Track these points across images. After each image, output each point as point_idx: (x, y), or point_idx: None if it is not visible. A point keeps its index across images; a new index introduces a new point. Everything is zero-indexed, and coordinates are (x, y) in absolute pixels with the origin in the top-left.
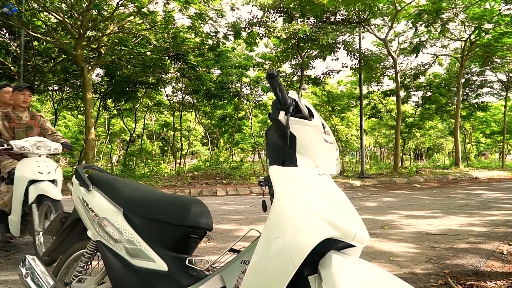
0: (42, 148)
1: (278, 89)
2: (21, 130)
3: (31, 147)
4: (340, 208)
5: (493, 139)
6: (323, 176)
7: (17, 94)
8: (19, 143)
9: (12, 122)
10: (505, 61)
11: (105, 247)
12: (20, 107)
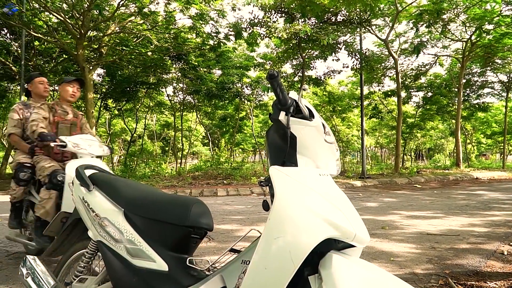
0: (94, 148)
1: (279, 90)
2: (65, 126)
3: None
4: (340, 208)
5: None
6: (324, 177)
7: (64, 86)
8: (73, 140)
9: (57, 116)
10: (506, 62)
11: (105, 247)
12: (67, 101)
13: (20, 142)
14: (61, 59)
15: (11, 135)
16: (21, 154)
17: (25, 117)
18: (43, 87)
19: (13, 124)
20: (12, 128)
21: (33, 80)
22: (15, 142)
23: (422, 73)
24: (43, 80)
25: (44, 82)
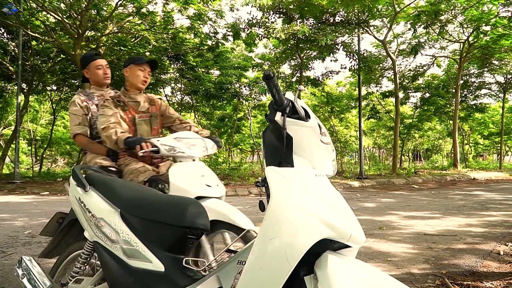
0: (196, 148)
1: (275, 90)
2: (143, 121)
3: (185, 147)
4: (336, 209)
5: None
6: (320, 177)
7: (134, 70)
8: (167, 142)
9: (129, 110)
10: (503, 63)
11: (102, 247)
12: (137, 88)
13: (92, 144)
14: (58, 59)
15: (78, 136)
16: (99, 156)
17: (90, 110)
18: (103, 73)
19: (77, 122)
20: (77, 128)
21: (90, 65)
22: (85, 144)
23: (420, 74)
24: (101, 63)
25: (103, 66)
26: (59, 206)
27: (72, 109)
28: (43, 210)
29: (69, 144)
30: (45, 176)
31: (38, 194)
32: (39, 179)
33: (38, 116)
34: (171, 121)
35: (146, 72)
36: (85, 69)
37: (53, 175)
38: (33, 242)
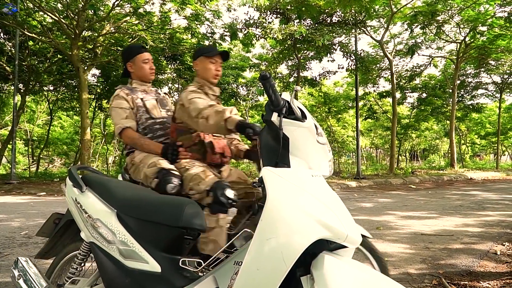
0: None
1: (271, 91)
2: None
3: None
4: (332, 209)
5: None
6: (316, 177)
7: (205, 62)
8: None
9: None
10: (499, 63)
11: (98, 248)
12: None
13: (144, 140)
14: (55, 59)
15: (126, 130)
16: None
17: (136, 104)
18: (149, 67)
19: (124, 115)
20: (126, 121)
21: (135, 58)
22: (134, 139)
23: (417, 74)
24: (148, 57)
25: (150, 60)
26: (56, 207)
27: (116, 102)
28: (39, 211)
29: (66, 144)
30: (42, 177)
31: (35, 195)
32: (36, 180)
33: (35, 117)
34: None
35: (217, 65)
36: (129, 62)
37: (50, 176)
38: (30, 243)
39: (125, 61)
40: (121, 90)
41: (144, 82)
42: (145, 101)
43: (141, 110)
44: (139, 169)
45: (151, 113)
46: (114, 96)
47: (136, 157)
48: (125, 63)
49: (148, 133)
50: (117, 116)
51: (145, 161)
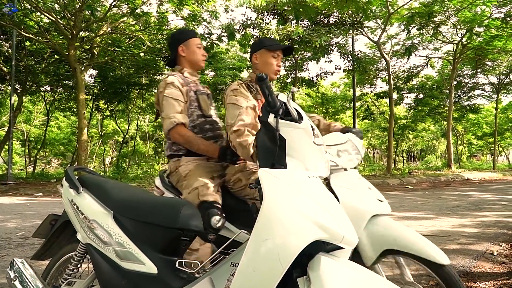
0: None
1: (268, 92)
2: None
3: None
4: (329, 210)
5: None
6: (313, 179)
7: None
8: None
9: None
10: (496, 64)
11: (94, 249)
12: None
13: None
14: (52, 60)
15: (179, 126)
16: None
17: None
18: (202, 53)
19: (178, 109)
20: (180, 116)
21: (189, 42)
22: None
23: (414, 74)
24: (200, 43)
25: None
26: (53, 208)
27: (170, 92)
28: (36, 212)
29: (63, 145)
30: (38, 177)
31: (32, 196)
32: (32, 180)
33: (31, 117)
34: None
35: (279, 60)
36: (182, 45)
37: (47, 176)
38: (26, 244)
39: (176, 44)
40: (176, 78)
41: (194, 72)
42: (199, 95)
43: (194, 105)
44: (182, 184)
45: (203, 110)
46: (168, 83)
47: (181, 168)
48: (175, 46)
49: (198, 132)
50: (171, 108)
51: (189, 181)
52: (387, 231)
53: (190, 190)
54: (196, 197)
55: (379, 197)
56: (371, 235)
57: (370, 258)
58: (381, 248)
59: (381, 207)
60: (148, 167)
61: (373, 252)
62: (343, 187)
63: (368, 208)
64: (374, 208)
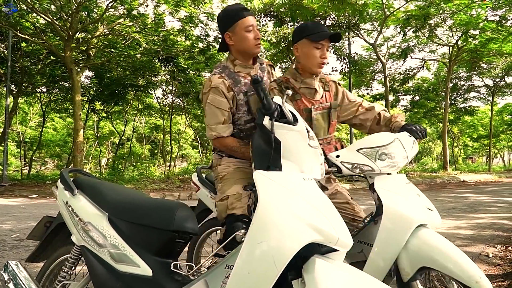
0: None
1: (263, 95)
2: (320, 114)
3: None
4: (323, 213)
5: (480, 143)
6: (308, 181)
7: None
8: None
9: (301, 99)
10: (491, 66)
11: (89, 252)
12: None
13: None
14: (48, 61)
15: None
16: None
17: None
18: (254, 37)
19: (221, 118)
20: (223, 128)
21: (235, 26)
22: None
23: (410, 77)
24: (252, 23)
25: (254, 27)
26: (48, 209)
27: (213, 98)
28: (31, 213)
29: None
30: (34, 179)
31: (27, 197)
32: (28, 182)
33: (27, 118)
34: (353, 110)
35: (324, 50)
36: (228, 32)
37: (42, 178)
38: (21, 246)
39: (223, 30)
40: (222, 79)
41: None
42: (250, 96)
43: (242, 110)
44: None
45: (253, 114)
46: (212, 87)
47: (220, 167)
48: (222, 33)
49: (245, 137)
50: (213, 117)
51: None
52: (427, 246)
53: (222, 197)
54: (225, 208)
55: (428, 205)
56: (411, 248)
57: (407, 273)
58: (418, 264)
59: (429, 217)
60: (144, 169)
61: (410, 268)
62: (389, 191)
63: (415, 216)
64: (421, 217)
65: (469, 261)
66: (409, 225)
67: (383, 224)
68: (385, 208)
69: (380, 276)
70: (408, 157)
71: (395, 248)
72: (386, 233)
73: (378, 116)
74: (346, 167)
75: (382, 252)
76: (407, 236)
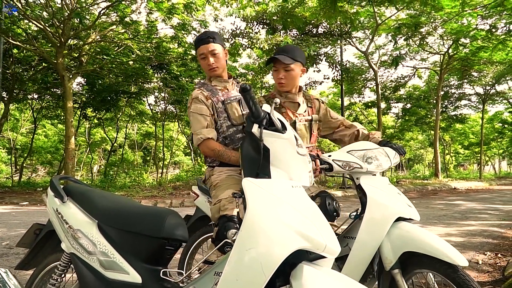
0: (376, 161)
1: (251, 103)
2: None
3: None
4: (311, 220)
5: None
6: (296, 188)
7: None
8: (340, 157)
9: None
10: (482, 75)
11: (78, 259)
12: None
13: (229, 151)
14: (40, 68)
15: (207, 141)
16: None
17: (216, 109)
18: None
19: (204, 124)
20: (207, 131)
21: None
22: (218, 152)
23: (401, 85)
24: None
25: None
26: (39, 217)
27: (195, 107)
28: (22, 221)
29: (50, 153)
30: (24, 186)
31: (17, 204)
32: (18, 189)
33: (18, 125)
34: (333, 126)
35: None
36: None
37: (33, 185)
38: (11, 254)
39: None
40: (200, 91)
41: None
42: (227, 104)
43: (222, 116)
44: (212, 193)
45: (232, 120)
46: (193, 98)
47: (213, 177)
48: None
49: (230, 143)
50: (197, 123)
51: (217, 192)
52: (408, 234)
53: (215, 202)
54: (218, 210)
55: (408, 203)
56: (392, 238)
57: (389, 261)
58: (401, 250)
59: (409, 211)
60: (136, 176)
61: (392, 255)
62: (373, 187)
63: (395, 207)
64: (402, 209)
65: (447, 244)
66: (390, 215)
67: (367, 214)
68: (369, 199)
69: (363, 266)
70: (391, 162)
71: (377, 237)
72: (369, 223)
73: (356, 132)
74: (337, 164)
75: (365, 241)
76: (389, 225)
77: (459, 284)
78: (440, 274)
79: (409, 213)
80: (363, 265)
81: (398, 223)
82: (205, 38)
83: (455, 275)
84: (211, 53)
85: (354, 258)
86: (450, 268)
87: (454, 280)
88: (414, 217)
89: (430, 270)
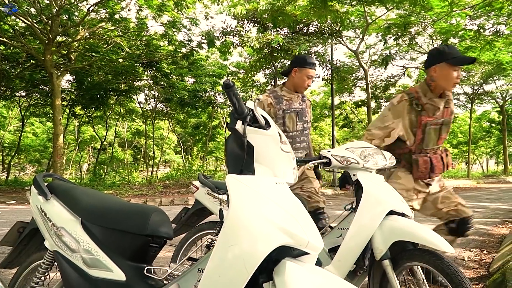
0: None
1: (235, 99)
2: (433, 129)
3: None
4: (294, 216)
5: (460, 149)
6: (280, 185)
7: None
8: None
9: (425, 116)
10: (470, 74)
11: (62, 257)
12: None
13: None
14: (28, 65)
15: None
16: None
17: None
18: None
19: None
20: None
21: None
22: None
23: (391, 84)
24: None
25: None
26: (26, 216)
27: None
28: (8, 220)
29: (38, 151)
30: (12, 185)
31: (4, 203)
32: (5, 188)
33: (5, 123)
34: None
35: (459, 71)
36: (296, 68)
37: (21, 184)
38: None
39: (293, 64)
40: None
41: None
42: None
43: (279, 122)
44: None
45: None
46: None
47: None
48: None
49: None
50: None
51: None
52: (399, 225)
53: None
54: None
55: (401, 199)
56: (384, 229)
57: (380, 251)
58: (391, 240)
59: (401, 206)
60: (126, 174)
61: (383, 244)
62: (369, 181)
63: (389, 201)
64: (395, 204)
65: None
66: (383, 208)
67: (361, 206)
68: (364, 192)
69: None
70: (387, 162)
71: (369, 228)
72: (363, 214)
73: None
74: (336, 159)
75: (358, 231)
76: (381, 217)
77: (447, 274)
78: (430, 266)
79: (401, 208)
80: (354, 255)
81: (390, 216)
82: (313, 64)
83: (443, 265)
84: (312, 77)
85: (346, 246)
86: (439, 260)
87: (443, 271)
88: (406, 213)
89: (420, 263)
